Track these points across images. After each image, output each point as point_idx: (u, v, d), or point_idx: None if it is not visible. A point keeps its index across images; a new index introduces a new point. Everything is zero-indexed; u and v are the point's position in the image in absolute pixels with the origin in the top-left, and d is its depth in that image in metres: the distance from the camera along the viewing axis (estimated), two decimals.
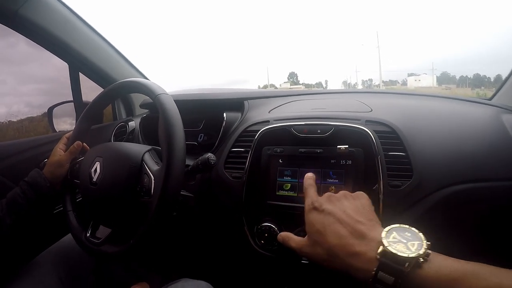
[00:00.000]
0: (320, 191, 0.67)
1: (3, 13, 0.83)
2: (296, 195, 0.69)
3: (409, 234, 0.38)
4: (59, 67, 1.08)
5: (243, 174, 0.74)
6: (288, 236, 0.51)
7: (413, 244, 0.36)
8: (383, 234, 0.38)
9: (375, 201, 0.63)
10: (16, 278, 0.68)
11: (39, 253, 0.76)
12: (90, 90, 1.12)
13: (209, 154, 0.66)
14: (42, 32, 0.92)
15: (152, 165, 0.64)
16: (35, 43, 0.95)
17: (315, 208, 0.47)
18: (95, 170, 0.66)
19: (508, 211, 0.69)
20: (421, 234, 0.38)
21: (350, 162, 0.67)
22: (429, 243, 0.36)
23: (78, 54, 1.02)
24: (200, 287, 0.67)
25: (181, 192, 0.72)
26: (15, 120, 1.48)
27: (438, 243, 0.78)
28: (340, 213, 0.44)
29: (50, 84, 1.55)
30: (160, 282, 0.73)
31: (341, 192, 0.50)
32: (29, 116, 1.49)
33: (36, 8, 0.87)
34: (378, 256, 0.36)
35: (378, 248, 0.37)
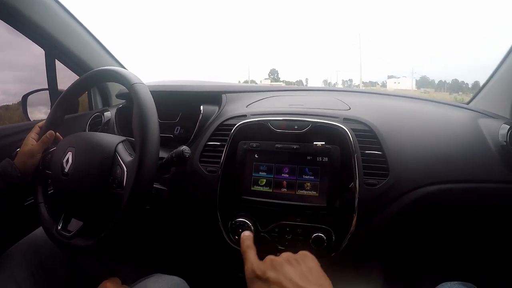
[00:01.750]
0: (296, 187, 0.68)
1: None
2: (271, 191, 0.69)
3: None
4: (37, 54, 1.04)
5: (218, 168, 0.73)
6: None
7: None
8: None
9: (350, 199, 0.64)
10: None
11: (10, 246, 0.74)
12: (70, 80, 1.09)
13: (184, 147, 0.65)
14: (18, 16, 0.88)
15: (125, 156, 0.63)
16: (12, 29, 0.91)
17: (257, 277, 0.42)
18: (67, 160, 0.64)
19: (482, 212, 0.72)
20: None
21: (326, 159, 0.67)
22: None
23: (55, 40, 0.99)
24: (174, 282, 0.66)
25: (155, 185, 0.71)
26: None
27: (412, 242, 0.80)
28: (286, 281, 0.40)
29: (27, 72, 1.50)
30: (133, 276, 0.72)
31: (284, 255, 0.45)
32: (4, 104, 1.44)
33: None
34: None
35: None
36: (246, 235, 0.50)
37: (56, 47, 1.02)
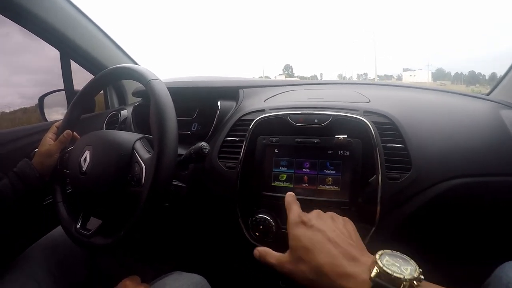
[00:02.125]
0: (317, 182, 0.66)
1: None
2: (292, 186, 0.68)
3: (401, 260, 0.36)
4: (52, 57, 1.06)
5: (238, 164, 0.72)
6: (265, 251, 0.47)
7: (406, 268, 0.35)
8: (377, 256, 0.36)
9: (373, 194, 0.63)
10: (5, 272, 0.67)
11: (29, 246, 0.75)
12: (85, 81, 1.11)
13: (202, 143, 0.64)
14: (31, 17, 0.89)
15: (143, 154, 0.62)
16: (28, 32, 0.93)
17: (303, 222, 0.44)
18: (85, 159, 0.64)
19: (506, 206, 0.69)
20: (413, 261, 0.36)
21: (348, 153, 0.66)
22: (421, 270, 0.35)
23: (69, 41, 1.00)
24: (194, 280, 0.65)
25: (174, 182, 0.71)
26: (8, 111, 1.48)
27: (435, 237, 0.77)
28: (331, 232, 0.42)
29: (43, 75, 1.54)
30: (152, 275, 0.72)
31: (329, 213, 0.47)
32: (23, 107, 1.48)
33: None
34: (372, 278, 0.34)
35: (371, 270, 0.35)
36: (290, 193, 0.54)
37: (71, 47, 1.03)
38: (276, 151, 0.70)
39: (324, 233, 0.41)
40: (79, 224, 0.66)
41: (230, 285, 0.90)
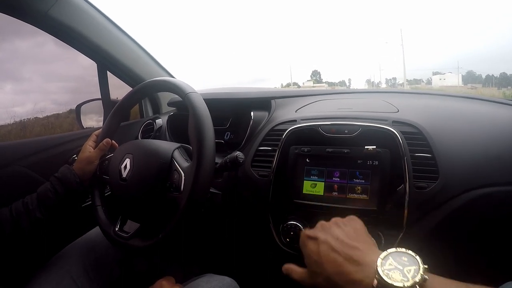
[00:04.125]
0: (346, 191, 0.68)
1: (33, 15, 0.86)
2: (322, 194, 0.69)
3: (405, 259, 0.37)
4: (84, 66, 1.11)
5: (270, 172, 0.74)
6: (291, 269, 0.50)
7: (410, 270, 0.35)
8: (379, 262, 0.37)
9: (400, 202, 0.63)
10: (44, 268, 0.71)
11: (67, 245, 0.79)
12: (114, 88, 1.14)
13: (238, 152, 0.67)
14: (71, 32, 0.94)
15: (182, 162, 0.65)
16: (62, 42, 0.97)
17: (309, 238, 0.47)
18: (125, 166, 0.67)
19: None
20: (418, 258, 0.37)
21: (376, 162, 0.67)
22: (426, 266, 0.35)
23: (106, 53, 1.04)
24: (225, 282, 0.68)
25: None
26: (41, 116, 1.52)
27: (463, 246, 0.76)
28: (333, 241, 0.43)
29: (75, 83, 1.59)
30: (182, 276, 0.74)
31: (332, 220, 0.49)
32: (55, 113, 1.53)
33: (65, 9, 0.89)
34: (374, 285, 0.36)
35: (375, 275, 0.36)
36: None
37: (108, 60, 1.07)
38: (307, 160, 0.72)
39: (328, 243, 0.43)
40: (117, 226, 0.70)
41: None
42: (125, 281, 0.83)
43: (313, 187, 0.71)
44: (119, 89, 1.15)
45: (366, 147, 0.66)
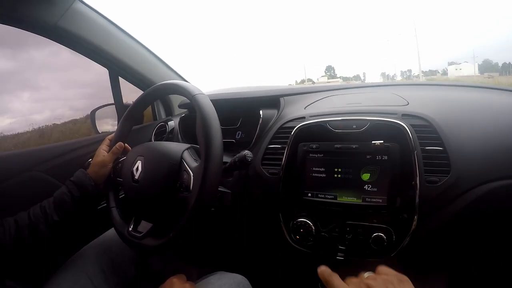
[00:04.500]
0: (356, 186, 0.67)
1: (43, 26, 0.88)
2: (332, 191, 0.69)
3: None
4: (99, 72, 1.13)
5: (280, 170, 0.75)
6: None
7: None
8: None
9: (411, 198, 0.62)
10: (62, 268, 0.73)
11: (84, 246, 0.81)
12: (129, 91, 1.17)
13: (246, 151, 0.67)
14: (81, 41, 0.97)
15: (191, 162, 0.66)
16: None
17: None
18: (137, 168, 0.69)
19: None
20: None
21: (386, 157, 0.65)
22: None
23: (117, 60, 1.06)
24: (236, 280, 0.68)
25: (219, 188, 0.74)
26: (59, 122, 1.57)
27: (478, 241, 0.74)
28: None
29: (90, 89, 1.64)
30: (196, 274, 0.75)
31: (380, 279, 0.43)
32: (73, 118, 1.58)
33: (73, 20, 0.92)
34: None
35: None
36: (323, 268, 0.46)
37: (118, 65, 1.09)
38: (316, 156, 0.72)
39: None
40: (131, 227, 0.71)
41: (270, 285, 0.91)
42: (141, 281, 0.85)
43: (322, 183, 0.70)
44: (134, 93, 1.18)
45: (373, 142, 0.65)
